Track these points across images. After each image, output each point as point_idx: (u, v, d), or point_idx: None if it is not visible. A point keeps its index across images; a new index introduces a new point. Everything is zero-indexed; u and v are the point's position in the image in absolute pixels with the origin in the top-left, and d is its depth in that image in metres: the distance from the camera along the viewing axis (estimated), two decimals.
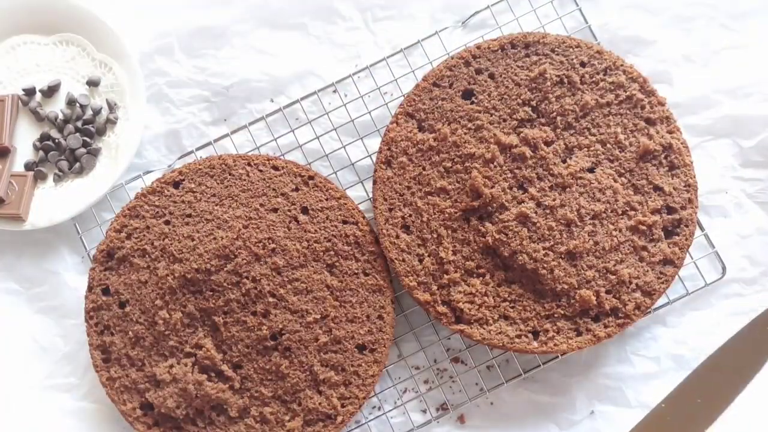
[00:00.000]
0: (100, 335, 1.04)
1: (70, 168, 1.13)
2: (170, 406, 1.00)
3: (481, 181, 1.02)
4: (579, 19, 1.16)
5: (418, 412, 1.08)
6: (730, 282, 1.10)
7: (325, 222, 1.05)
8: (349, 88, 1.16)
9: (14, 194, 1.10)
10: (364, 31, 1.18)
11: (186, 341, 1.02)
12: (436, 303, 1.01)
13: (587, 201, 1.02)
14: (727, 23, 1.15)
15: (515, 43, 1.07)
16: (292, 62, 1.18)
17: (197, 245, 1.03)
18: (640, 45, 1.15)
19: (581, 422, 1.07)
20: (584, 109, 1.05)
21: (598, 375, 1.08)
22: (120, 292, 1.04)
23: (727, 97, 1.13)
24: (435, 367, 1.09)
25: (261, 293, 1.01)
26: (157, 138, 1.17)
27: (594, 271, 1.00)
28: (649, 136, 1.04)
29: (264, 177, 1.07)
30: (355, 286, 1.03)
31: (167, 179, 1.07)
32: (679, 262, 1.02)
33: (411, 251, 1.03)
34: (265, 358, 1.01)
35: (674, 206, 1.03)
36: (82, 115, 1.13)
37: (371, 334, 1.03)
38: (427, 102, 1.06)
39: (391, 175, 1.05)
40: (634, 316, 1.00)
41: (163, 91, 1.17)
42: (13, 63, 1.15)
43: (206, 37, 1.18)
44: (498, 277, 1.02)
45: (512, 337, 1.00)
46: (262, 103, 1.17)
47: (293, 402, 1.01)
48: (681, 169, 1.04)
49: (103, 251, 1.05)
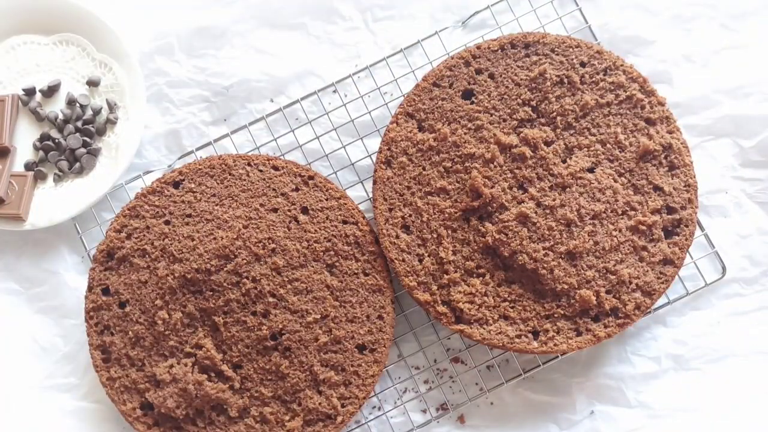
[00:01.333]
0: (100, 335, 1.04)
1: (70, 168, 1.13)
2: (170, 406, 1.00)
3: (481, 181, 1.02)
4: (579, 19, 1.16)
5: (418, 412, 1.08)
6: (730, 282, 1.10)
7: (325, 222, 1.05)
8: (349, 88, 1.16)
9: (14, 194, 1.10)
10: (364, 31, 1.18)
11: (186, 341, 1.02)
12: (436, 303, 1.01)
13: (587, 201, 1.02)
14: (727, 23, 1.15)
15: (515, 43, 1.07)
16: (292, 62, 1.18)
17: (197, 245, 1.03)
18: (640, 45, 1.15)
19: (581, 422, 1.07)
20: (584, 109, 1.05)
21: (598, 375, 1.08)
22: (120, 292, 1.04)
23: (727, 97, 1.13)
24: (435, 367, 1.09)
25: (261, 293, 1.01)
26: (157, 138, 1.17)
27: (594, 271, 1.00)
28: (649, 136, 1.04)
29: (264, 177, 1.07)
30: (355, 286, 1.03)
31: (167, 179, 1.07)
32: (679, 262, 1.02)
33: (411, 251, 1.03)
34: (265, 358, 1.01)
35: (674, 206, 1.03)
36: (82, 115, 1.13)
37: (371, 334, 1.03)
38: (427, 102, 1.06)
39: (391, 175, 1.05)
40: (634, 316, 1.00)
41: (163, 91, 1.17)
42: (13, 63, 1.15)
43: (206, 37, 1.18)
44: (498, 277, 1.02)
45: (512, 337, 1.00)
46: (262, 103, 1.17)
47: (293, 402, 1.01)
48: (681, 169, 1.04)
49: (103, 251, 1.05)
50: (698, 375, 1.07)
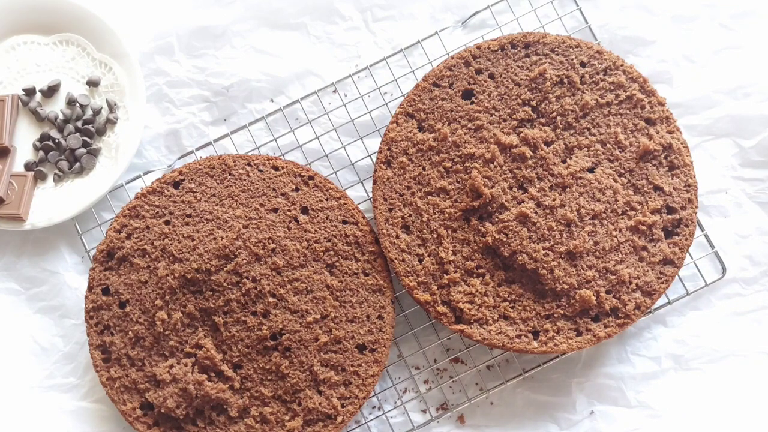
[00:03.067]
0: (100, 335, 1.03)
1: (70, 168, 1.13)
2: (170, 406, 1.00)
3: (481, 181, 1.02)
4: (579, 19, 1.16)
5: (418, 412, 1.08)
6: (730, 282, 1.10)
7: (325, 222, 1.05)
8: (349, 88, 1.16)
9: (14, 194, 1.10)
10: (364, 31, 1.18)
11: (186, 341, 1.02)
12: (436, 303, 1.01)
13: (587, 201, 1.02)
14: (727, 23, 1.15)
15: (515, 43, 1.07)
16: (292, 62, 1.18)
17: (197, 245, 1.03)
18: (640, 45, 1.15)
19: (581, 422, 1.07)
20: (584, 109, 1.05)
21: (598, 375, 1.08)
22: (120, 292, 1.04)
23: (727, 97, 1.13)
24: (435, 367, 1.09)
25: (261, 293, 1.01)
26: (157, 138, 1.17)
27: (594, 271, 1.00)
28: (649, 136, 1.04)
29: (264, 177, 1.07)
30: (355, 286, 1.03)
31: (167, 179, 1.07)
32: (679, 262, 1.02)
33: (411, 251, 1.03)
34: (265, 358, 1.01)
35: (674, 206, 1.03)
36: (82, 115, 1.13)
37: (371, 334, 1.03)
38: (427, 102, 1.06)
39: (391, 175, 1.05)
40: (634, 316, 1.00)
41: (163, 91, 1.17)
42: (13, 63, 1.15)
43: (206, 37, 1.18)
44: (498, 277, 1.02)
45: (512, 337, 1.00)
46: (262, 103, 1.17)
47: (293, 402, 1.01)
48: (681, 169, 1.04)
49: (103, 251, 1.05)
50: (698, 375, 1.07)
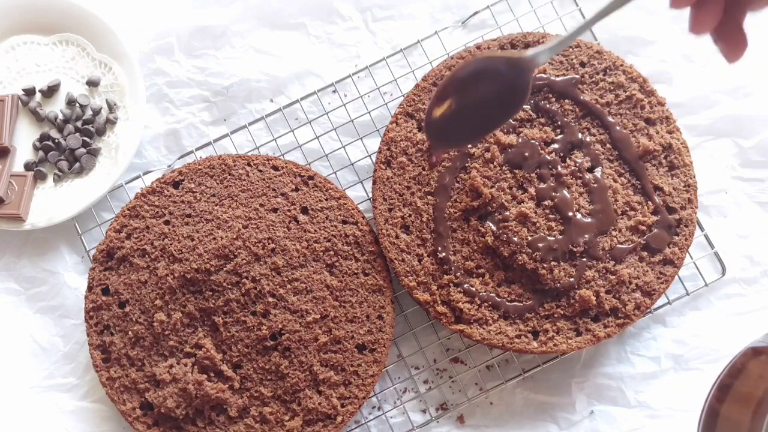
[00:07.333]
0: (100, 335, 1.04)
1: (70, 168, 1.13)
2: (170, 406, 1.00)
3: (481, 181, 1.02)
4: (579, 19, 1.16)
5: (417, 412, 1.08)
6: (730, 282, 1.10)
7: (324, 222, 1.05)
8: (348, 88, 1.16)
9: (14, 194, 1.10)
10: (363, 31, 1.18)
11: (186, 341, 1.02)
12: (435, 303, 1.01)
13: (587, 201, 1.02)
14: None
15: (515, 43, 1.07)
16: (292, 62, 1.18)
17: (197, 245, 1.03)
18: (640, 45, 1.15)
19: (581, 422, 1.06)
20: (584, 109, 1.05)
21: (598, 375, 1.08)
22: (120, 292, 1.04)
23: (727, 97, 1.13)
24: (435, 367, 1.09)
25: (261, 293, 1.01)
26: (157, 138, 1.17)
27: (594, 271, 1.00)
28: (648, 136, 1.04)
29: (264, 177, 1.07)
30: (354, 286, 1.03)
31: (167, 179, 1.07)
32: (679, 262, 1.02)
33: (411, 251, 1.03)
34: (264, 358, 1.01)
35: (674, 206, 1.03)
36: (82, 115, 1.13)
37: (371, 334, 1.03)
38: (427, 102, 1.06)
39: (390, 175, 1.05)
40: (634, 316, 1.00)
41: (163, 91, 1.17)
42: (13, 63, 1.15)
43: (206, 37, 1.18)
44: (498, 277, 1.02)
45: (512, 337, 1.00)
46: (262, 103, 1.17)
47: (293, 402, 1.01)
48: (681, 169, 1.04)
49: (103, 251, 1.05)
50: (698, 375, 1.07)
